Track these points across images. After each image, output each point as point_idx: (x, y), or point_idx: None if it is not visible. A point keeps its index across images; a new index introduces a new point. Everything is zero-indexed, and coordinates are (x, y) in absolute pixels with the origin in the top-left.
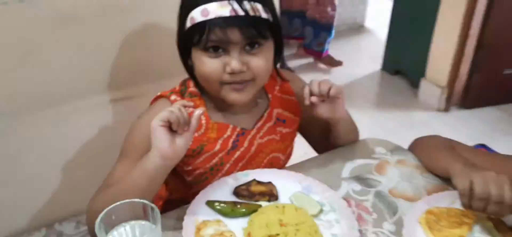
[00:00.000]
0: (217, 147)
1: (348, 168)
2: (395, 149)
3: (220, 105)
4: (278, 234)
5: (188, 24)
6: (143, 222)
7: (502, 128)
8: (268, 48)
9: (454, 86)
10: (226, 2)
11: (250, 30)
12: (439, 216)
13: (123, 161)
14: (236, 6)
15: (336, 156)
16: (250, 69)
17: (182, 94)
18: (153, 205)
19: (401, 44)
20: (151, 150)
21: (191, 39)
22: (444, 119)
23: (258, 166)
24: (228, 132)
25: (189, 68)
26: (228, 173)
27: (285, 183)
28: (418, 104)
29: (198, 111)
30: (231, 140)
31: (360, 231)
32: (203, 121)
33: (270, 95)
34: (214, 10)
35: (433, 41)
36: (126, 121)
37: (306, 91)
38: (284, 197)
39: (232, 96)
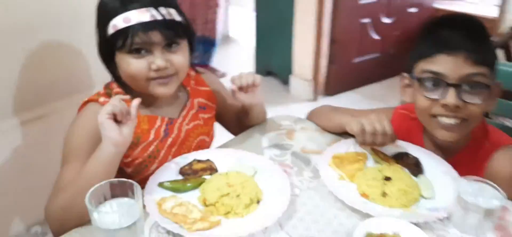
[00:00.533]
0: (151, 136)
1: (266, 139)
2: (297, 120)
3: (147, 100)
4: (228, 193)
5: (111, 31)
6: (125, 199)
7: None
8: (185, 46)
9: (318, 78)
10: (145, 9)
11: (169, 32)
12: (341, 158)
13: (69, 165)
14: (154, 12)
15: (254, 132)
16: (172, 65)
17: (108, 95)
18: (134, 182)
19: (269, 48)
20: (101, 142)
21: (114, 45)
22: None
23: (189, 149)
24: (158, 123)
25: (113, 71)
26: (164, 158)
27: (221, 158)
28: (291, 98)
29: (135, 101)
30: (162, 129)
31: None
32: None
33: (188, 88)
34: (135, 17)
35: (294, 42)
36: (40, 142)
37: (232, 84)
38: (222, 169)
39: (159, 90)
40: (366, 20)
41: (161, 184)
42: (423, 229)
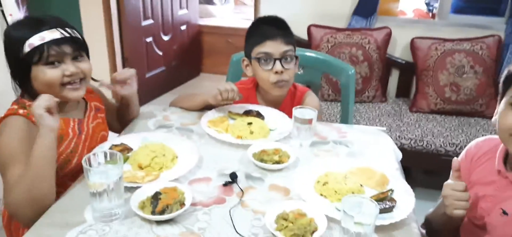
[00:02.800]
0: (70, 134)
1: (151, 124)
2: (165, 108)
3: (58, 106)
4: (156, 155)
5: (27, 49)
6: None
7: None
8: (86, 57)
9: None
10: (55, 29)
11: (76, 45)
12: (213, 122)
13: (11, 168)
14: (62, 31)
15: (137, 123)
16: (82, 71)
17: (24, 108)
18: (116, 151)
19: None
20: (39, 134)
21: (30, 61)
22: None
23: (96, 142)
24: (71, 123)
25: (25, 86)
26: (82, 152)
27: (129, 139)
28: None
29: (54, 98)
30: (76, 127)
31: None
32: None
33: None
34: (48, 35)
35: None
36: None
37: (113, 81)
38: (134, 147)
39: (72, 94)
40: (149, 39)
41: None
42: (281, 143)
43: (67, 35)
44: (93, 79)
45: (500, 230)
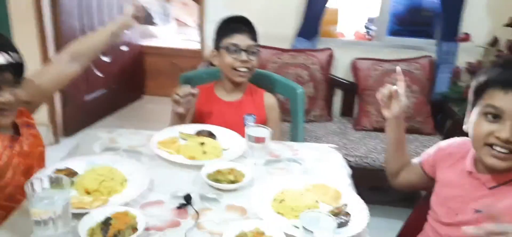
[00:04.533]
0: (0, 148)
1: (96, 147)
2: (110, 131)
3: None
4: (104, 180)
5: None
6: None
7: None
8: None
9: (55, 121)
10: (1, 52)
11: (17, 72)
12: (164, 143)
13: None
14: (6, 56)
15: (81, 146)
16: (17, 100)
17: None
18: (62, 175)
19: None
20: None
21: None
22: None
23: (34, 156)
24: (5, 141)
25: None
26: (17, 166)
27: (74, 163)
28: None
29: None
30: (7, 141)
31: None
32: None
33: None
34: None
35: None
36: None
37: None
38: (80, 171)
39: (2, 121)
40: None
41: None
42: (235, 162)
43: (12, 61)
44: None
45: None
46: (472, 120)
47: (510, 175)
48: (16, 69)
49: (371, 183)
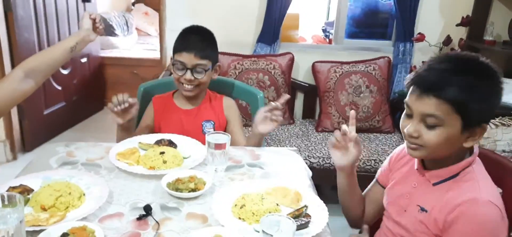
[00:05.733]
0: None
1: (53, 162)
2: (68, 144)
3: None
4: (61, 195)
5: None
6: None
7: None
8: None
9: (12, 137)
10: None
11: None
12: (122, 154)
13: None
14: None
15: (39, 161)
16: None
17: None
18: (16, 194)
19: None
20: None
21: None
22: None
23: None
24: None
25: None
26: None
27: (29, 180)
28: None
29: None
30: None
31: None
32: None
33: None
34: None
35: None
36: None
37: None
38: (35, 187)
39: None
40: None
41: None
42: (196, 170)
43: None
44: None
45: (419, 225)
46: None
47: (451, 170)
48: None
49: (333, 182)
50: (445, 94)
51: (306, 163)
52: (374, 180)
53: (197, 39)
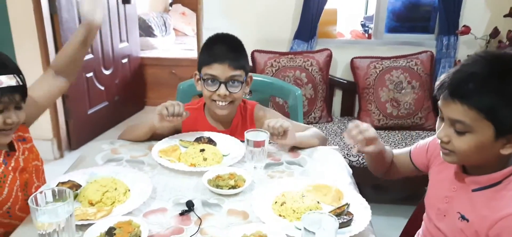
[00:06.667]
0: None
1: (99, 159)
2: (112, 142)
3: None
4: (107, 190)
5: None
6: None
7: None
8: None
9: (59, 135)
10: (12, 75)
11: (23, 95)
12: (165, 151)
13: None
14: (18, 78)
15: (85, 158)
16: (19, 120)
17: None
18: (65, 188)
19: None
20: None
21: None
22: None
23: (30, 174)
24: (0, 157)
25: None
26: (13, 182)
27: (77, 176)
28: None
29: None
30: (2, 157)
31: None
32: None
33: None
34: (6, 81)
35: None
36: None
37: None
38: (82, 184)
39: (3, 139)
40: (89, 74)
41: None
42: (235, 167)
43: (21, 83)
44: None
45: (458, 234)
46: None
47: (492, 178)
48: (23, 93)
49: (373, 182)
50: (471, 100)
51: (345, 161)
52: (408, 151)
53: (228, 48)
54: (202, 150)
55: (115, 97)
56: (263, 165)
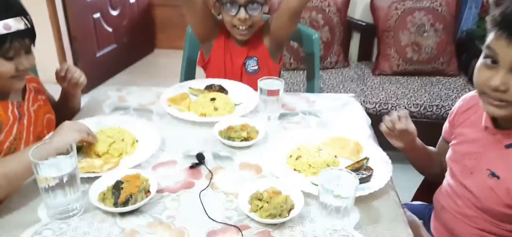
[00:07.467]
0: (11, 118)
1: (106, 107)
2: (119, 88)
3: None
4: (114, 141)
5: None
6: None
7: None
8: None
9: None
10: (20, 18)
11: (32, 38)
12: (173, 100)
13: None
14: (25, 20)
15: (90, 106)
16: (31, 65)
17: None
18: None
19: None
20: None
21: None
22: None
23: (42, 127)
24: (10, 106)
25: None
26: (27, 139)
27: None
28: None
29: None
30: (16, 110)
31: None
32: None
33: None
34: (14, 25)
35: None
36: None
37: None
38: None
39: (17, 84)
40: (96, 15)
41: None
42: (248, 117)
43: (29, 25)
44: None
45: (488, 192)
46: (477, 64)
47: None
48: (32, 36)
49: None
50: None
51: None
52: (442, 138)
53: None
54: (213, 99)
55: (123, 39)
56: (277, 115)
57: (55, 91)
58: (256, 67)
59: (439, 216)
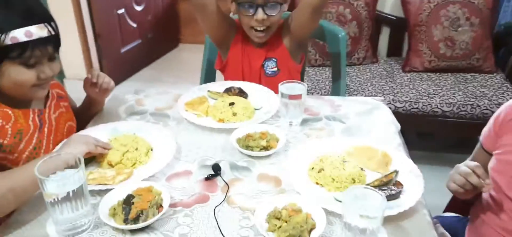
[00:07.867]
0: (31, 127)
1: (122, 112)
2: (137, 91)
3: (14, 100)
4: (127, 150)
5: (8, 42)
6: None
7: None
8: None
9: None
10: (43, 25)
11: (56, 45)
12: (191, 104)
13: None
14: (49, 27)
15: (107, 111)
16: (54, 73)
17: None
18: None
19: None
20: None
21: (5, 54)
22: None
23: (62, 135)
24: (31, 114)
25: None
26: (47, 148)
27: (97, 132)
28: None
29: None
30: (37, 118)
31: None
32: (10, 113)
33: None
34: (36, 32)
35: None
36: None
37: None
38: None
39: (39, 93)
40: (121, 11)
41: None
42: (268, 123)
43: (53, 32)
44: None
45: None
46: None
47: None
48: (56, 43)
49: (419, 129)
50: None
51: (390, 107)
52: (479, 144)
53: None
54: (232, 104)
55: (148, 34)
56: (300, 121)
57: (77, 88)
58: (275, 69)
59: (477, 231)
